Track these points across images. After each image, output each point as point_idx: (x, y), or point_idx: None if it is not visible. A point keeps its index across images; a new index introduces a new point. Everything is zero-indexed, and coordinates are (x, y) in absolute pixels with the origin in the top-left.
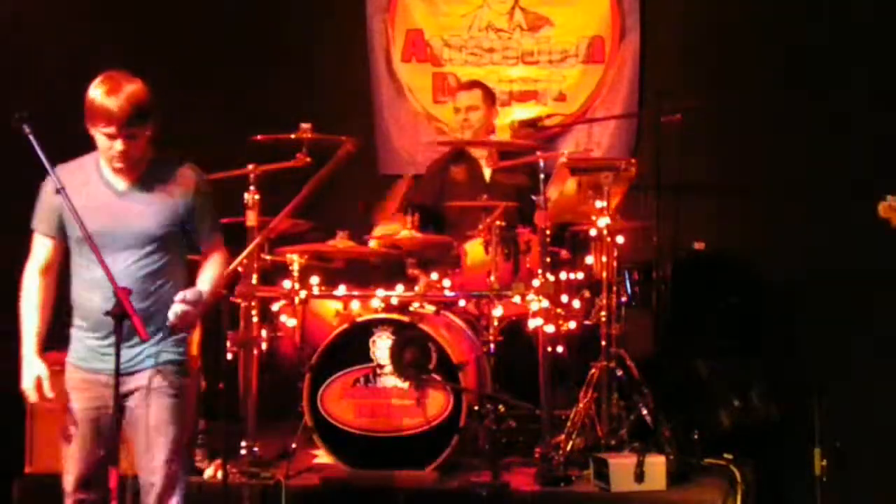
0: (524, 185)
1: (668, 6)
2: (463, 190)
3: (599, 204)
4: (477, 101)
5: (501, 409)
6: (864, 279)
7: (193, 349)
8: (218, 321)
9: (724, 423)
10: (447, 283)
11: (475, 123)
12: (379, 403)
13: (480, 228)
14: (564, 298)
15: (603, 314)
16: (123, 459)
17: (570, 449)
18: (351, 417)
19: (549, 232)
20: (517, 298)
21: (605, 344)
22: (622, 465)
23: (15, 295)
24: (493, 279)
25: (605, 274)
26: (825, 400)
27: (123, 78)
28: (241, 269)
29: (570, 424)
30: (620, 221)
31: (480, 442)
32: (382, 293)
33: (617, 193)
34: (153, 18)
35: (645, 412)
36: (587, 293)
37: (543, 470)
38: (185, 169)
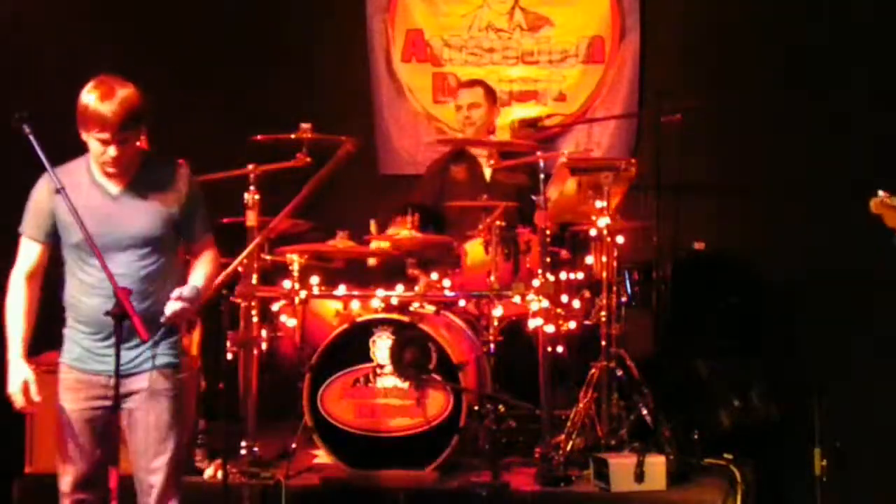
0: (524, 185)
1: (668, 6)
2: (463, 190)
3: (599, 204)
4: (479, 98)
5: (501, 409)
6: (864, 279)
7: (193, 349)
8: (218, 321)
9: (724, 423)
10: (447, 283)
11: (477, 121)
12: (379, 403)
13: (480, 228)
14: (564, 298)
15: (603, 314)
16: (123, 459)
17: (570, 449)
18: (351, 417)
19: (549, 232)
20: (517, 298)
21: (605, 344)
22: (622, 465)
23: None
24: (493, 279)
25: (605, 274)
26: (825, 400)
27: (116, 82)
28: (241, 269)
29: (570, 424)
30: (620, 221)
31: (480, 442)
32: (382, 293)
33: (617, 193)
34: (153, 18)
35: (645, 412)
36: (587, 293)
37: (543, 470)
38: (176, 169)
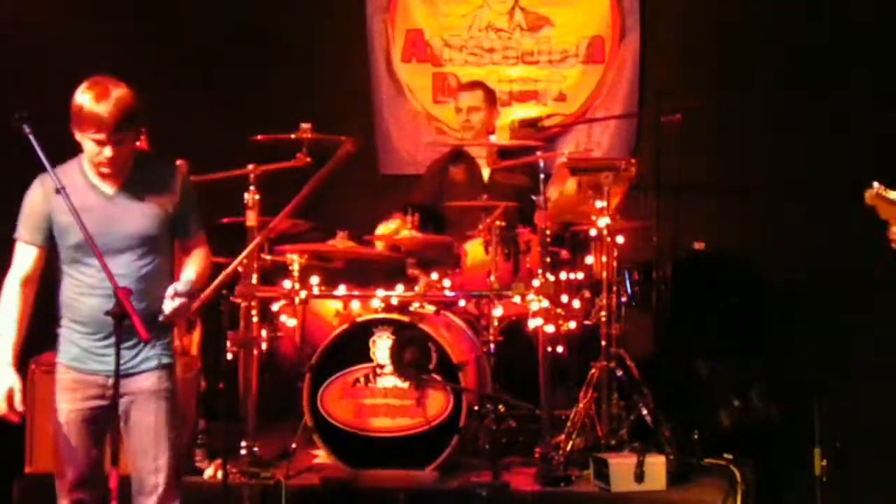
0: (524, 185)
1: (668, 6)
2: (462, 190)
3: (599, 204)
4: (479, 101)
5: (501, 409)
6: (864, 279)
7: (193, 349)
8: (218, 321)
9: (724, 423)
10: (447, 283)
11: (476, 125)
12: (379, 403)
13: (480, 228)
14: (564, 298)
15: (603, 314)
16: (123, 459)
17: (570, 449)
18: (351, 417)
19: (549, 232)
20: (517, 298)
21: (605, 344)
22: (622, 465)
23: None
24: (493, 279)
25: (605, 274)
26: (825, 400)
27: (110, 83)
28: (241, 269)
29: (570, 424)
30: (620, 221)
31: (480, 442)
32: (382, 293)
33: (617, 193)
34: (153, 18)
35: (645, 412)
36: (587, 293)
37: (543, 470)
38: (169, 168)
